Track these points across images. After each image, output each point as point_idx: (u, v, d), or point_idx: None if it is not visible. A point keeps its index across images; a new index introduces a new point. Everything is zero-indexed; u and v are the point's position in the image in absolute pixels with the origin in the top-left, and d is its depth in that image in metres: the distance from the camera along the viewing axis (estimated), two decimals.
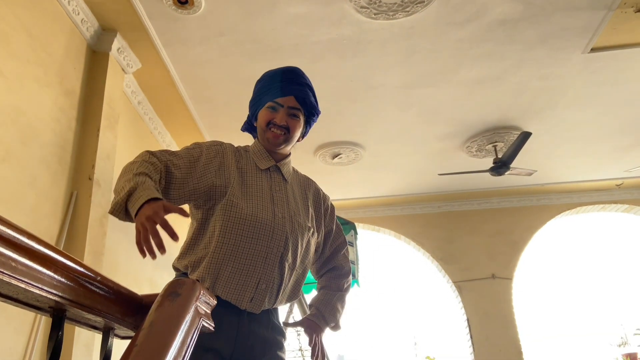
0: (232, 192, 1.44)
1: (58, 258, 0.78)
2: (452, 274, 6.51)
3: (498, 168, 5.01)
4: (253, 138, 1.66)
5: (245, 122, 1.66)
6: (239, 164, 1.53)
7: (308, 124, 1.61)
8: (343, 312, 1.70)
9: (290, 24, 3.40)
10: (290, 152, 1.64)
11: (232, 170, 1.49)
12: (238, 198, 1.44)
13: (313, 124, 1.65)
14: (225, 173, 1.47)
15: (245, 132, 1.68)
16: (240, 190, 1.47)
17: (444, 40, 3.64)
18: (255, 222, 1.42)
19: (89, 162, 3.08)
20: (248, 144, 1.65)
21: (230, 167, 1.50)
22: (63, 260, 0.79)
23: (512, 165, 4.97)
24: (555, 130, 5.01)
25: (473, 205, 6.75)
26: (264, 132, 1.53)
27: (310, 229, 1.57)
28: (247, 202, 1.45)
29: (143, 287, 3.92)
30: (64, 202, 2.92)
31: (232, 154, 1.53)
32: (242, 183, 1.49)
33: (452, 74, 4.05)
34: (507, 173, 5.08)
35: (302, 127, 1.57)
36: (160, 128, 4.56)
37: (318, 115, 1.62)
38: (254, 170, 1.54)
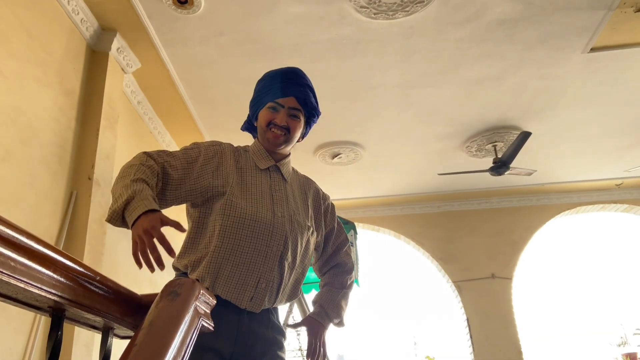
0: (231, 191, 1.45)
1: (57, 258, 0.78)
2: (451, 274, 6.51)
3: (498, 168, 5.01)
4: (253, 138, 1.67)
5: (246, 121, 1.67)
6: (239, 164, 1.53)
7: (308, 125, 1.63)
8: (347, 308, 1.71)
9: (290, 24, 3.40)
10: (290, 152, 1.64)
11: (230, 170, 1.50)
12: (238, 197, 1.45)
13: (313, 125, 1.65)
14: (223, 173, 1.48)
15: (246, 131, 1.68)
16: (240, 190, 1.47)
17: (444, 40, 3.64)
18: (255, 221, 1.42)
19: (89, 162, 3.08)
20: (248, 144, 1.66)
21: (229, 167, 1.50)
22: (62, 260, 0.79)
23: (511, 165, 4.97)
24: (555, 130, 5.01)
25: (473, 205, 6.75)
26: (264, 132, 1.54)
27: (310, 228, 1.58)
28: (246, 201, 1.45)
29: (143, 286, 3.92)
30: (64, 201, 2.92)
31: (230, 154, 1.54)
32: (241, 183, 1.49)
33: (451, 74, 4.05)
34: (506, 173, 5.08)
35: (302, 127, 1.58)
36: (160, 128, 4.56)
37: (318, 116, 1.63)
38: (254, 170, 1.54)
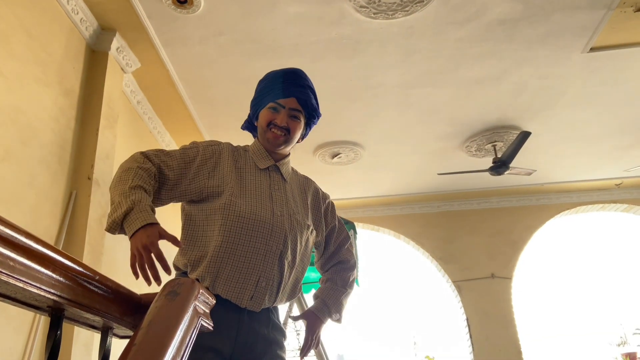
0: (230, 191, 1.45)
1: (56, 257, 0.78)
2: (451, 274, 6.51)
3: (497, 168, 5.01)
4: (253, 137, 1.67)
5: (246, 120, 1.67)
6: (238, 164, 1.54)
7: (308, 126, 1.63)
8: (347, 304, 1.72)
9: (290, 24, 3.40)
10: (290, 152, 1.64)
11: (228, 171, 1.50)
12: (237, 197, 1.45)
13: (313, 126, 1.66)
14: (220, 174, 1.48)
15: (246, 130, 1.69)
16: (239, 189, 1.47)
17: (444, 40, 3.64)
18: (255, 220, 1.42)
19: (89, 161, 3.08)
20: (247, 144, 1.66)
21: (226, 167, 1.50)
22: (61, 260, 0.79)
23: (511, 165, 4.97)
24: (555, 130, 5.01)
25: (472, 205, 6.75)
26: (265, 132, 1.54)
27: (309, 227, 1.58)
28: (246, 200, 1.45)
29: (143, 286, 3.90)
30: (64, 201, 2.92)
31: (229, 154, 1.54)
32: (240, 182, 1.49)
33: (451, 74, 4.05)
34: (506, 173, 5.08)
35: (302, 128, 1.59)
36: (160, 127, 4.56)
37: (319, 118, 1.64)
38: (253, 170, 1.55)
